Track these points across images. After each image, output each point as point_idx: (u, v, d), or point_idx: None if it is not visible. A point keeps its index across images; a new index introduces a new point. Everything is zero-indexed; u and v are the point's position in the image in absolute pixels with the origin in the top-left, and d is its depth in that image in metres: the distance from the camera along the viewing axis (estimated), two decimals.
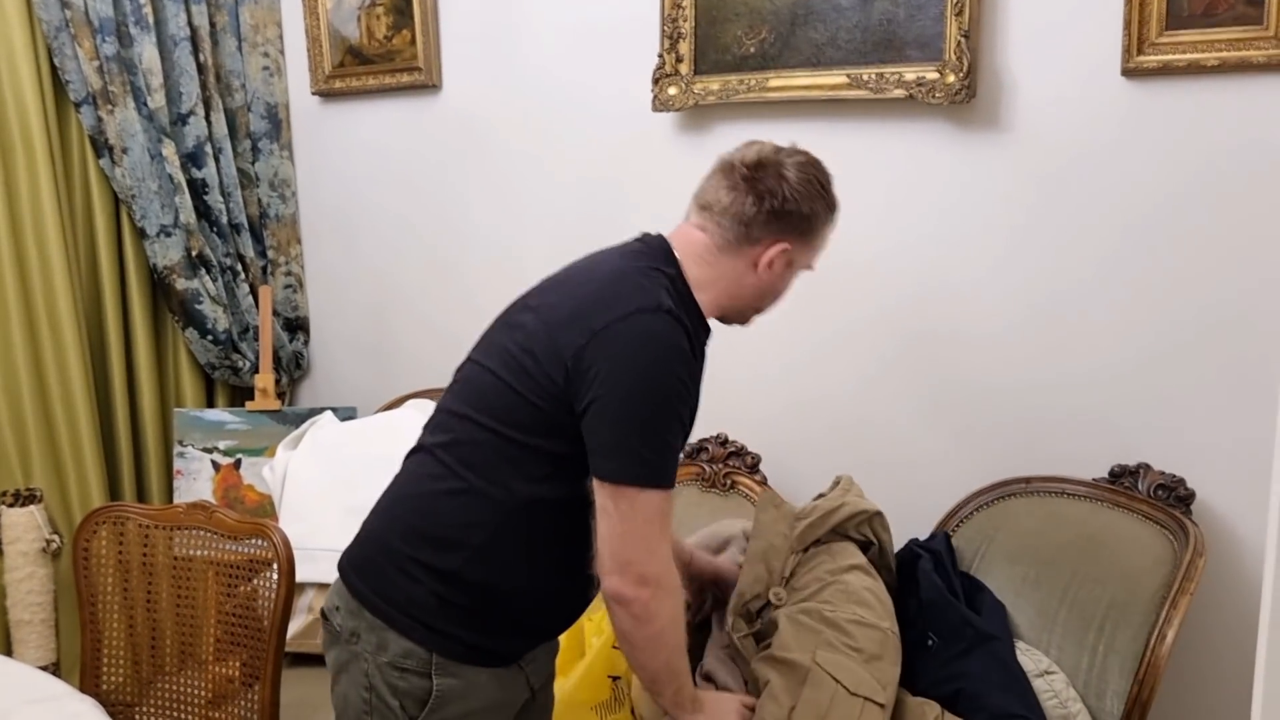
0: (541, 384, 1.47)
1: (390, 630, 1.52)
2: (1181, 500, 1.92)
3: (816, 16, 2.23)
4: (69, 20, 2.72)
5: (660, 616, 1.47)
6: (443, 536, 1.52)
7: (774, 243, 1.57)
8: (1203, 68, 1.86)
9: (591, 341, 1.44)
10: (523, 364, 1.50)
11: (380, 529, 1.61)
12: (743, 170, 1.56)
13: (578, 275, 1.61)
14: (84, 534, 2.25)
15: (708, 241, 1.58)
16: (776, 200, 1.54)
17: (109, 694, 2.27)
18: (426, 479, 1.57)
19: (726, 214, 1.56)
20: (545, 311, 1.54)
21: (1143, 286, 1.99)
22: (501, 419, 1.51)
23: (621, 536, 1.44)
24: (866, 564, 1.85)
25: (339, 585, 1.62)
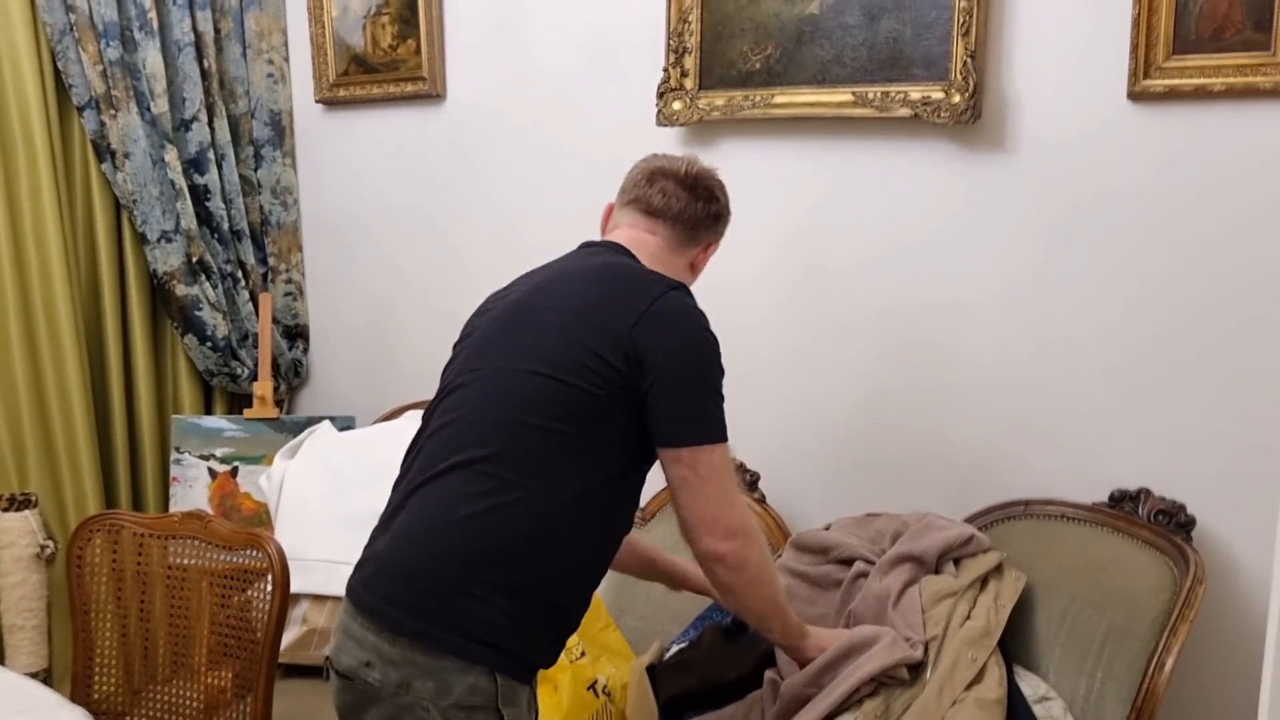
0: (597, 370, 1.51)
1: (453, 668, 1.47)
2: (1182, 527, 1.91)
3: (823, 34, 2.23)
4: (73, 24, 2.71)
5: (752, 560, 1.58)
6: (509, 553, 1.50)
7: (710, 244, 1.79)
8: (1209, 93, 1.86)
9: (642, 320, 1.53)
10: (571, 356, 1.53)
11: (427, 560, 1.51)
12: (689, 180, 1.73)
13: (578, 273, 1.66)
14: (78, 541, 2.24)
15: (659, 243, 1.72)
16: (717, 206, 1.76)
17: (100, 703, 2.25)
18: (476, 497, 1.51)
19: (681, 218, 1.72)
20: (573, 304, 1.58)
21: (1146, 310, 1.98)
22: (556, 416, 1.52)
23: (706, 496, 1.54)
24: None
25: (368, 636, 1.51)
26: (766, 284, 2.41)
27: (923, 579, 1.92)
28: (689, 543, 1.59)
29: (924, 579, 1.92)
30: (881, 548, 2.03)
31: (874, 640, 1.80)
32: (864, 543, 2.06)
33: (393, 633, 1.49)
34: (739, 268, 2.43)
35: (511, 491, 1.50)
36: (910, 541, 1.99)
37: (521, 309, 1.64)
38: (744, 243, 2.41)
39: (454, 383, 1.63)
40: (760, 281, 2.41)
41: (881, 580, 1.93)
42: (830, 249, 2.32)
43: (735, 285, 2.44)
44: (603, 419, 1.53)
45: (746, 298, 2.43)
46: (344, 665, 1.55)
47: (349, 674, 1.54)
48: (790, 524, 2.34)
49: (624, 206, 1.76)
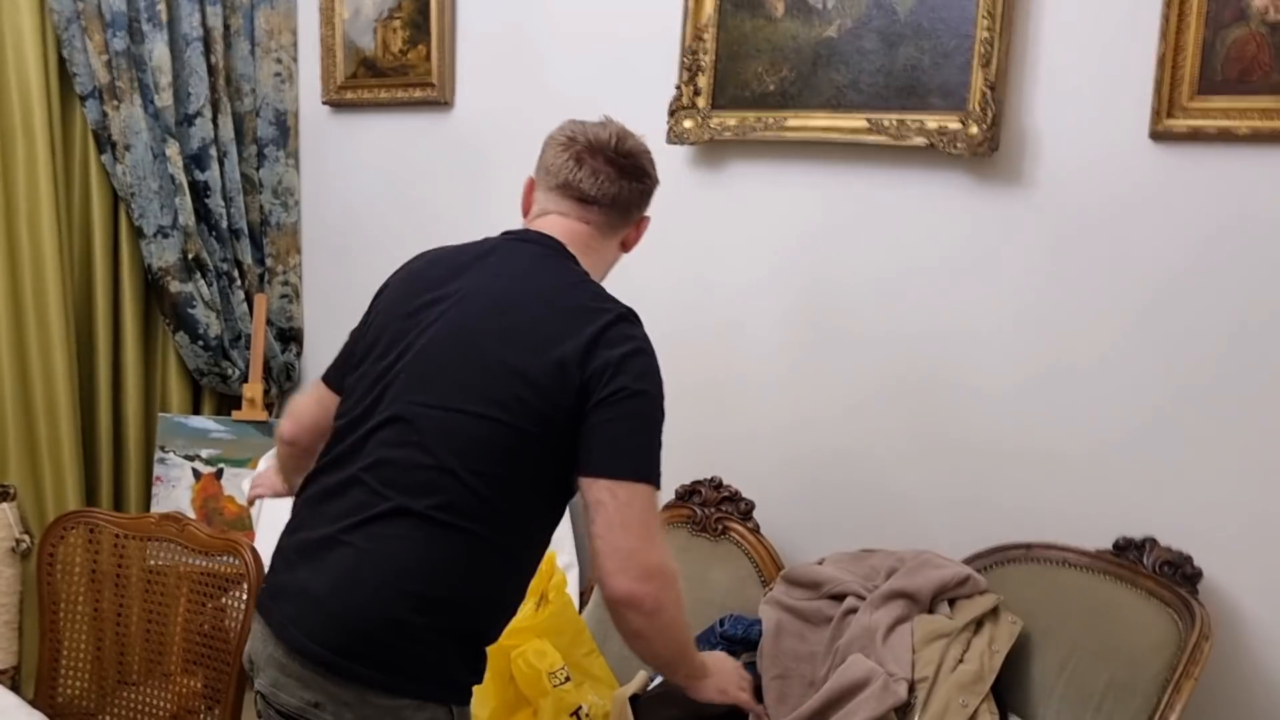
0: (543, 409, 1.46)
1: (409, 705, 1.44)
2: (1188, 579, 1.86)
3: (840, 58, 2.19)
4: (80, 12, 2.68)
5: (668, 605, 1.47)
6: (457, 598, 1.47)
7: (643, 220, 1.70)
8: (1234, 135, 1.81)
9: (591, 349, 1.45)
10: (517, 393, 1.46)
11: (377, 610, 1.44)
12: (620, 159, 1.61)
13: (521, 294, 1.55)
14: (51, 538, 2.19)
15: (591, 231, 1.63)
16: (648, 181, 1.66)
17: (67, 703, 2.20)
18: (424, 543, 1.45)
19: (615, 203, 1.62)
20: (519, 335, 1.49)
21: (1159, 354, 1.93)
22: (503, 460, 1.46)
23: (623, 527, 1.42)
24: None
25: (314, 679, 1.44)
26: (769, 310, 2.36)
27: (915, 618, 1.87)
28: (600, 582, 1.46)
29: (917, 618, 1.87)
30: (875, 584, 1.98)
31: (864, 683, 1.75)
32: (857, 579, 2.02)
33: (343, 679, 1.43)
34: (742, 292, 2.40)
35: (459, 536, 1.46)
36: (904, 578, 1.94)
37: (465, 338, 1.52)
38: (748, 266, 2.38)
39: (396, 413, 1.51)
40: (763, 307, 2.37)
41: (871, 615, 1.89)
42: (837, 277, 2.27)
43: (738, 311, 2.41)
44: (545, 457, 1.47)
45: (748, 323, 2.39)
46: (287, 705, 1.47)
47: (295, 714, 1.47)
48: (784, 556, 2.28)
49: (551, 190, 1.64)
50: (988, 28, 1.99)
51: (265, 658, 1.51)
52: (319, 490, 1.56)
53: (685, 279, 2.48)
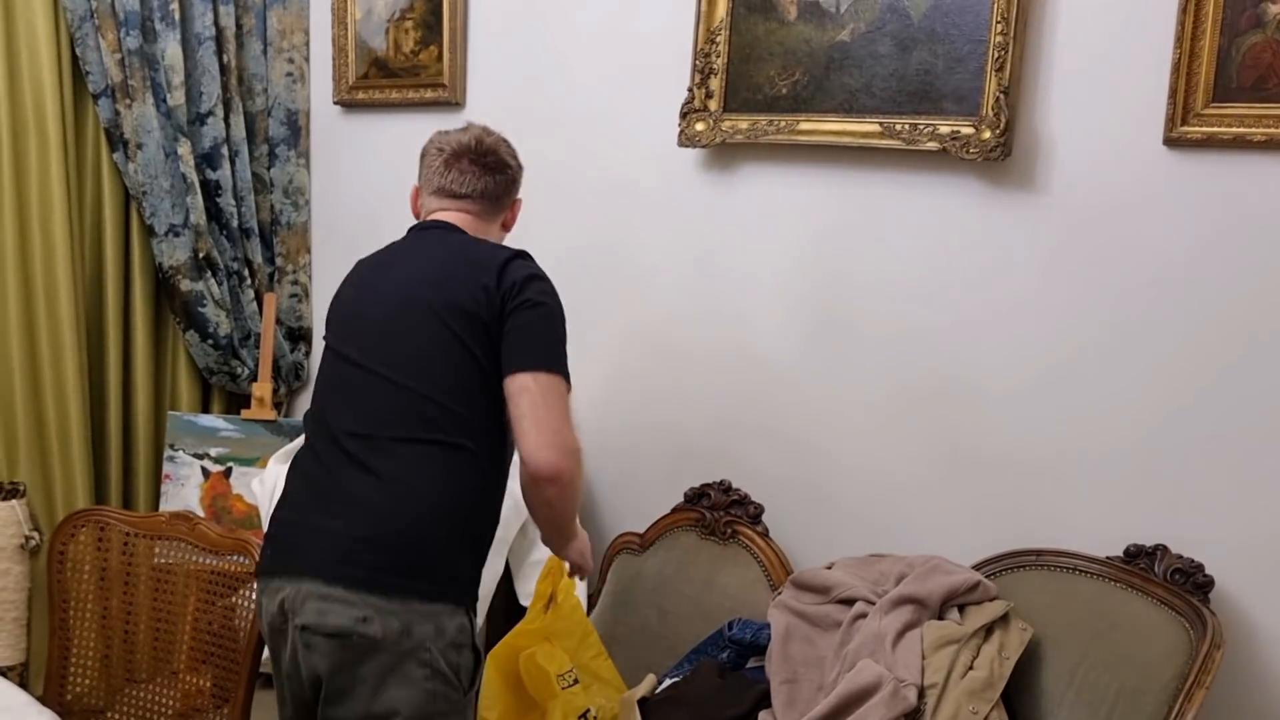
0: (481, 330, 1.71)
1: (444, 611, 1.66)
2: (1200, 587, 1.85)
3: (852, 62, 2.18)
4: (94, 11, 2.69)
5: (578, 479, 1.73)
6: (467, 507, 1.72)
7: (515, 203, 1.98)
8: (1249, 143, 1.81)
9: (501, 274, 1.74)
10: (463, 325, 1.72)
11: (410, 527, 1.66)
12: (481, 158, 1.89)
13: (440, 265, 1.81)
14: (61, 536, 2.19)
15: (473, 219, 1.90)
16: (511, 172, 1.93)
17: (75, 700, 2.20)
18: (435, 464, 1.69)
19: (485, 195, 1.90)
20: (450, 287, 1.75)
21: (1171, 362, 1.93)
22: (472, 386, 1.71)
23: (546, 408, 1.67)
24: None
25: (359, 597, 1.62)
26: (779, 313, 2.36)
27: (925, 623, 1.87)
28: (529, 456, 1.65)
29: (926, 623, 1.87)
30: (884, 589, 1.98)
31: (874, 688, 1.74)
32: (866, 584, 2.01)
33: (387, 593, 1.62)
34: (753, 295, 2.39)
35: (453, 452, 1.69)
36: (914, 584, 1.94)
37: (406, 305, 1.77)
38: (759, 270, 2.38)
39: (368, 366, 1.76)
40: (773, 311, 2.37)
41: (880, 620, 1.88)
42: (848, 280, 2.27)
43: (748, 313, 2.40)
44: (492, 368, 1.71)
45: (759, 327, 2.39)
46: (335, 626, 1.63)
47: (342, 633, 1.63)
48: (793, 560, 2.28)
49: (432, 194, 1.92)
50: (1001, 33, 1.99)
51: (300, 600, 1.66)
52: (306, 465, 1.79)
53: (695, 282, 2.48)
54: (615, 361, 2.63)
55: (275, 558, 1.76)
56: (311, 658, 1.67)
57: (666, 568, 2.39)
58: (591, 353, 2.65)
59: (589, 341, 2.64)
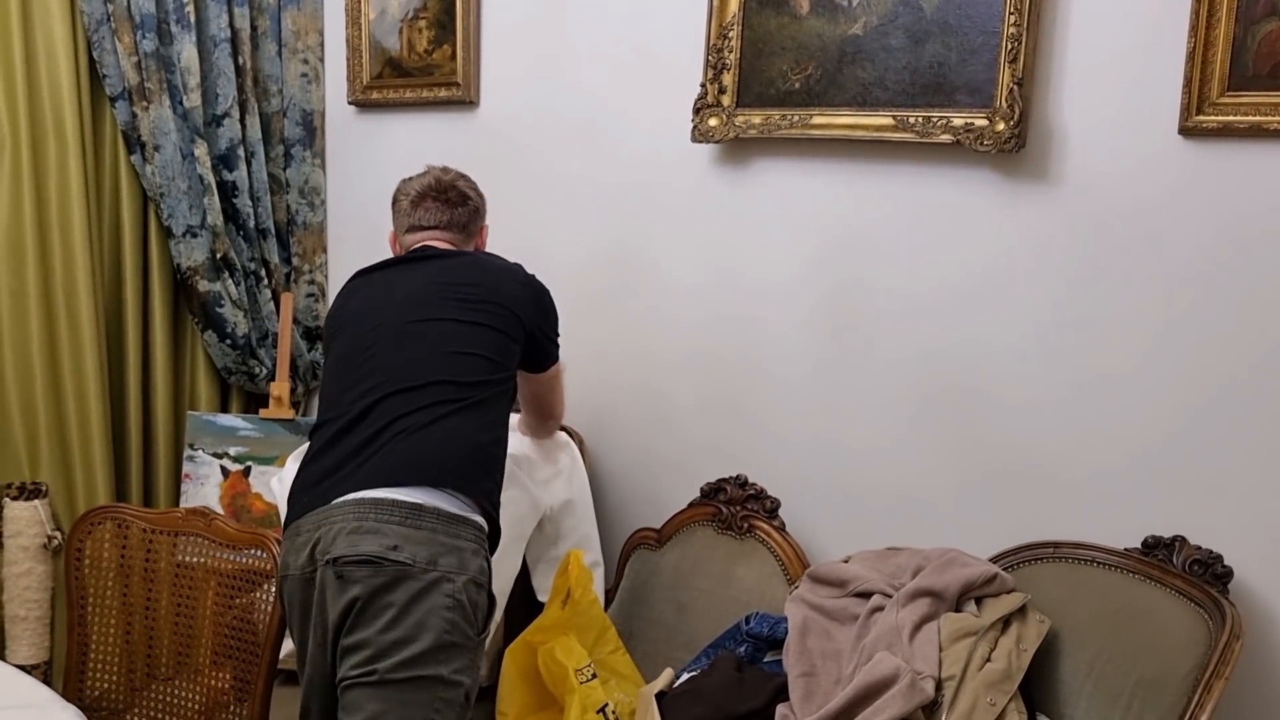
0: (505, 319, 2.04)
1: (467, 549, 1.80)
2: (1218, 578, 1.84)
3: (865, 56, 2.18)
4: (110, 14, 2.71)
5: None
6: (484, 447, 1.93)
7: (482, 229, 2.27)
8: (1265, 131, 1.80)
9: (526, 288, 2.13)
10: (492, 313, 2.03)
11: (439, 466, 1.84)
12: (443, 195, 2.18)
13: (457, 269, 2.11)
14: (79, 533, 2.20)
15: (452, 246, 2.18)
16: (473, 202, 2.22)
17: (96, 699, 2.21)
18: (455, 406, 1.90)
19: (454, 225, 2.18)
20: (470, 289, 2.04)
21: (1189, 350, 1.92)
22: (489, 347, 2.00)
23: (556, 394, 2.33)
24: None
25: (389, 527, 1.76)
26: (795, 307, 2.36)
27: (942, 616, 1.87)
28: (544, 420, 2.37)
29: (944, 616, 1.87)
30: (901, 582, 1.98)
31: (891, 680, 1.74)
32: (883, 577, 2.01)
33: (415, 520, 1.77)
34: (768, 290, 2.39)
35: (474, 410, 1.92)
36: (931, 576, 1.94)
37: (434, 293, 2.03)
38: (774, 264, 2.38)
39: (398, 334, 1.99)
40: (789, 305, 2.37)
41: (897, 613, 1.88)
42: (862, 274, 2.27)
43: (763, 308, 2.40)
44: (511, 348, 2.04)
45: (774, 320, 2.39)
46: (367, 552, 1.74)
47: (374, 558, 1.74)
48: (809, 554, 2.28)
49: (406, 233, 2.20)
50: (1015, 24, 1.98)
51: (331, 539, 1.78)
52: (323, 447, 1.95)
53: (710, 277, 2.48)
54: (629, 358, 2.63)
55: (300, 504, 1.89)
56: (344, 590, 1.76)
57: (684, 563, 2.40)
58: (606, 349, 2.65)
59: (605, 337, 2.65)
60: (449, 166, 2.25)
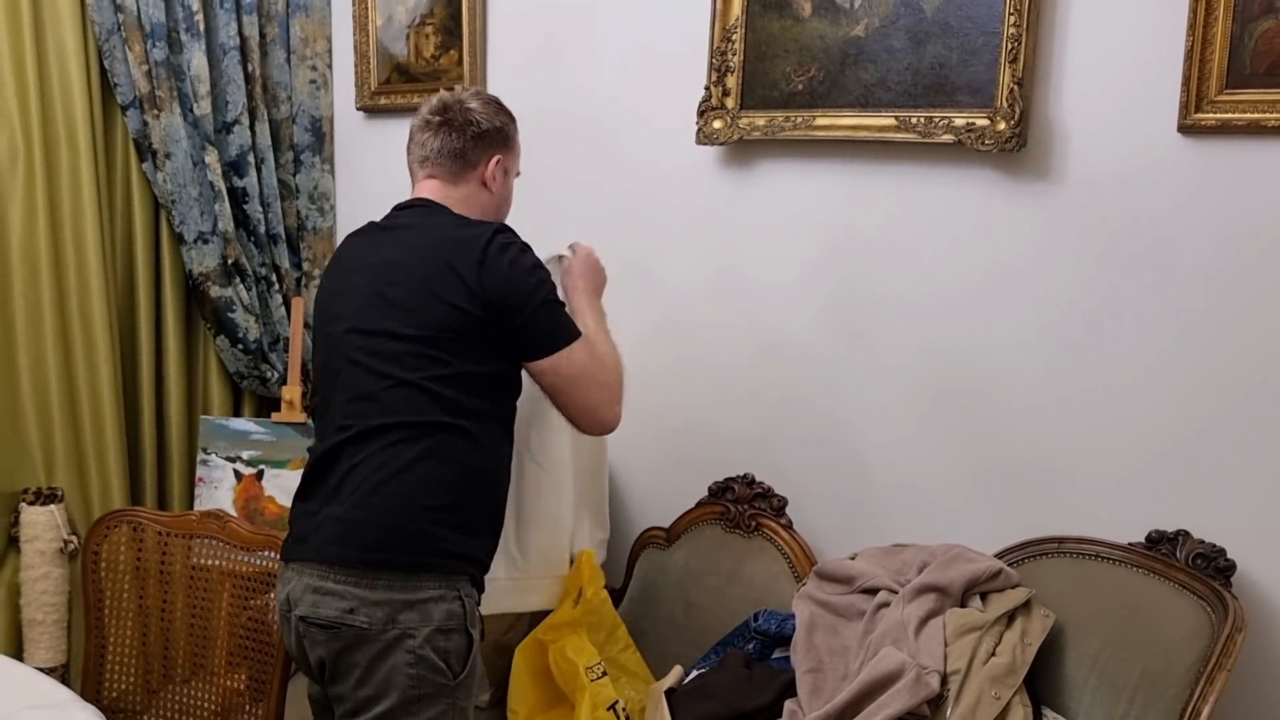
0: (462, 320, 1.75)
1: (431, 597, 1.71)
2: (1221, 571, 1.86)
3: (867, 57, 2.20)
4: (121, 24, 2.74)
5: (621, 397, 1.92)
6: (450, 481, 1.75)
7: (489, 159, 1.94)
8: (1263, 128, 1.81)
9: (473, 263, 1.76)
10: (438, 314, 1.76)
11: (389, 510, 1.73)
12: (435, 119, 1.92)
13: (407, 239, 1.88)
14: (95, 537, 2.23)
15: (440, 183, 1.93)
16: (476, 128, 1.91)
17: (114, 701, 2.24)
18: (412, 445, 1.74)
19: (446, 154, 1.91)
20: (419, 272, 1.80)
21: (1190, 347, 1.93)
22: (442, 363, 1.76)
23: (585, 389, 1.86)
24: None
25: (347, 589, 1.71)
26: (800, 307, 2.38)
27: (948, 611, 1.88)
28: (585, 421, 1.87)
29: (949, 611, 1.88)
30: (906, 578, 2.00)
31: (897, 675, 1.76)
32: (889, 573, 2.03)
33: (374, 575, 1.70)
34: (773, 290, 2.41)
35: (438, 436, 1.74)
36: (936, 572, 1.95)
37: (376, 294, 1.82)
38: (779, 264, 2.40)
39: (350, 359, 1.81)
40: (794, 304, 2.39)
41: (903, 609, 1.90)
42: (867, 273, 2.29)
43: (769, 308, 2.42)
44: (481, 358, 1.78)
45: (779, 320, 2.41)
46: (325, 617, 1.72)
47: (333, 624, 1.72)
48: (816, 552, 2.30)
49: (410, 168, 1.99)
50: (1015, 24, 2.00)
51: (300, 593, 1.76)
52: (314, 454, 1.85)
53: (716, 277, 2.50)
54: (637, 358, 2.64)
55: (287, 546, 1.85)
56: (313, 646, 1.77)
57: (692, 561, 2.42)
58: None
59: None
60: (467, 87, 2.03)
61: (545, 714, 2.18)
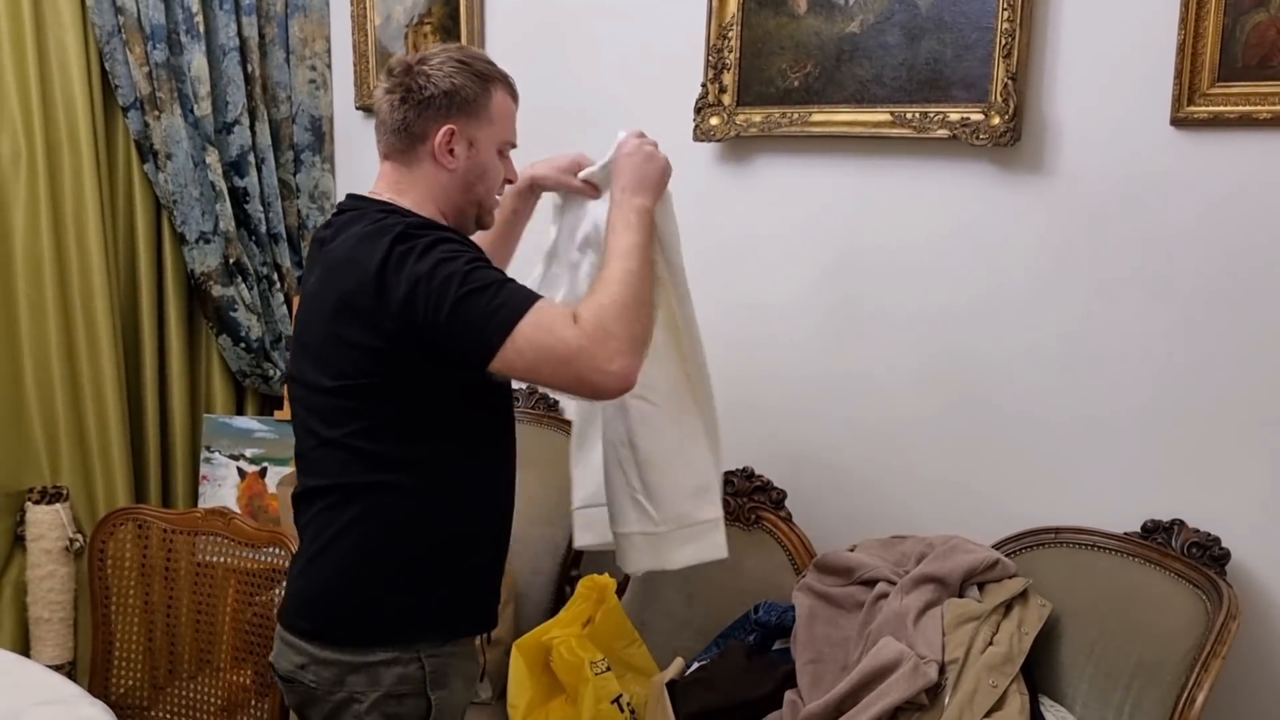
0: (368, 357, 1.50)
1: (381, 660, 1.55)
2: (1216, 560, 1.87)
3: (862, 53, 2.22)
4: (121, 26, 2.75)
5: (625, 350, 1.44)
6: (396, 540, 1.57)
7: (437, 129, 1.60)
8: (1255, 120, 1.83)
9: (382, 285, 1.45)
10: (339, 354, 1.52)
11: (333, 572, 1.59)
12: (389, 84, 1.62)
13: (325, 258, 1.59)
14: (100, 535, 2.25)
15: (392, 164, 1.64)
16: (415, 93, 1.59)
17: (121, 697, 2.26)
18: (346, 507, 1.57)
19: (388, 127, 1.62)
20: (314, 321, 1.58)
21: (1185, 337, 1.95)
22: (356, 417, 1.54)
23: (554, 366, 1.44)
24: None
25: (299, 643, 1.60)
26: (798, 302, 2.40)
27: (946, 601, 1.90)
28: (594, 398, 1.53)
29: (947, 601, 1.90)
30: (905, 569, 2.01)
31: (895, 665, 1.78)
32: (888, 565, 2.05)
33: (321, 642, 1.58)
34: (770, 285, 2.43)
35: (370, 494, 1.55)
36: (934, 563, 1.97)
37: (304, 321, 1.63)
38: (776, 260, 2.41)
39: (294, 408, 1.67)
40: (791, 299, 2.40)
41: (902, 599, 1.92)
42: (864, 268, 2.30)
43: (766, 303, 2.44)
44: (410, 396, 1.52)
45: (777, 315, 2.42)
46: (283, 670, 1.64)
47: (288, 678, 1.63)
48: (816, 544, 2.32)
49: None
50: (1008, 19, 2.01)
51: (277, 636, 1.68)
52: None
53: (714, 273, 2.50)
54: None
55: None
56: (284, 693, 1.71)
57: None
58: None
59: None
60: (463, 45, 1.74)
61: (544, 706, 2.19)
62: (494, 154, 1.69)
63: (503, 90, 1.69)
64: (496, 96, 1.67)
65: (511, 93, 1.72)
